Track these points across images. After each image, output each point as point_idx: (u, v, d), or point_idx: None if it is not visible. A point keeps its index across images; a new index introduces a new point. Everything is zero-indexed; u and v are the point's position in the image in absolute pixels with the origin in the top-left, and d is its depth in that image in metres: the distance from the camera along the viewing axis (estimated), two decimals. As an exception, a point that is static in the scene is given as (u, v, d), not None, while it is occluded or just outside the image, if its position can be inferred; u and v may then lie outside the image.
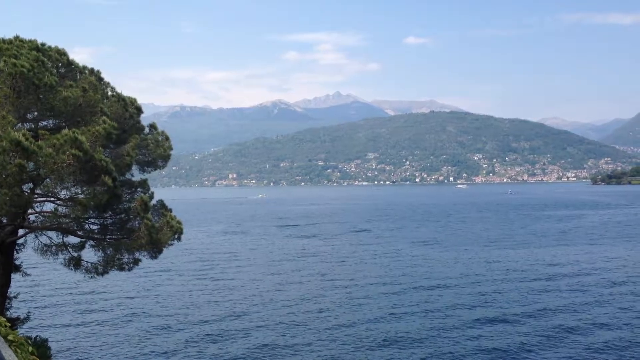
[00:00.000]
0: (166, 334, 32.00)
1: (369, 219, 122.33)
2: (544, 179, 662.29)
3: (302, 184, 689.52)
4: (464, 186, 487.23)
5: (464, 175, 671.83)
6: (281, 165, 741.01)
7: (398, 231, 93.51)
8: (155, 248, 20.12)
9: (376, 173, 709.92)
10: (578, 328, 32.07)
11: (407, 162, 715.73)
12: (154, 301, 40.43)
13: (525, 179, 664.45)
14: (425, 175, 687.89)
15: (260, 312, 36.75)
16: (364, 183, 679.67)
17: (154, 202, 21.00)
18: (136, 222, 19.73)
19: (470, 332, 31.65)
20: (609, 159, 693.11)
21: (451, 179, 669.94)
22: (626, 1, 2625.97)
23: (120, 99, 20.49)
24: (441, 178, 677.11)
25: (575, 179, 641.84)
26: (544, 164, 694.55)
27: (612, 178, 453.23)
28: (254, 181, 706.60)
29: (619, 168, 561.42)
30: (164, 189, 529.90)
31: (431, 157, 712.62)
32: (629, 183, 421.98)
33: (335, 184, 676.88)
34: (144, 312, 37.03)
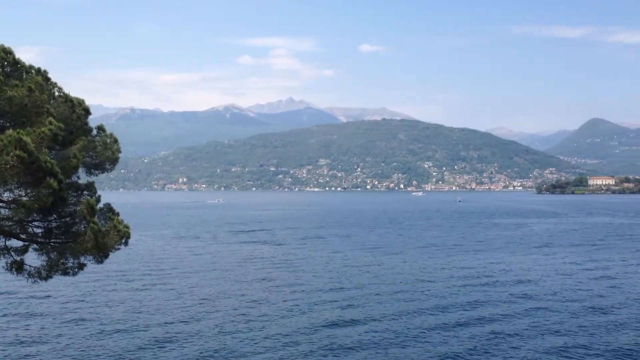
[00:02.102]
0: (108, 340, 31.39)
1: (321, 225, 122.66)
2: (491, 187, 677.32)
3: (254, 189, 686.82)
4: (420, 193, 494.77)
5: (414, 182, 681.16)
6: (232, 170, 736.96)
7: (349, 238, 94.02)
8: (101, 252, 19.79)
9: (328, 179, 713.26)
10: (515, 334, 32.91)
11: (359, 169, 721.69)
12: (98, 307, 39.58)
13: (473, 187, 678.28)
14: (377, 182, 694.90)
15: (204, 319, 36.42)
16: (316, 189, 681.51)
17: (100, 205, 20.65)
18: (82, 226, 19.37)
19: (415, 336, 32.10)
20: (553, 169, 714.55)
21: (402, 186, 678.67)
22: (573, 15, 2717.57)
23: (67, 99, 20.08)
24: (392, 185, 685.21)
25: (521, 188, 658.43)
26: (492, 172, 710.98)
27: (557, 188, 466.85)
28: (204, 185, 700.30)
29: (563, 178, 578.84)
30: (112, 192, 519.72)
31: (382, 164, 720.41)
32: (573, 193, 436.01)
33: (286, 190, 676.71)
34: (86, 318, 36.21)
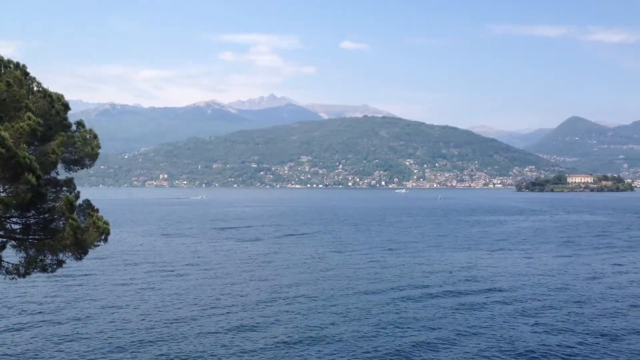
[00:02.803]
0: (86, 338, 31.17)
1: (305, 222, 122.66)
2: (471, 185, 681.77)
3: (235, 185, 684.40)
4: (403, 191, 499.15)
5: (396, 180, 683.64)
6: (214, 166, 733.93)
7: (331, 234, 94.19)
8: (80, 249, 19.66)
9: (309, 176, 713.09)
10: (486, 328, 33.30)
11: (340, 166, 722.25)
12: (76, 304, 39.26)
13: (454, 184, 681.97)
14: (358, 180, 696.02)
15: (185, 316, 36.31)
16: (297, 186, 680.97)
17: (80, 202, 20.49)
18: (61, 222, 19.22)
19: (384, 328, 32.33)
20: (533, 167, 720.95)
21: (383, 183, 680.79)
22: (553, 14, 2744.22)
23: (46, 94, 19.89)
24: (373, 182, 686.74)
25: (501, 185, 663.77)
26: (472, 170, 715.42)
27: (536, 185, 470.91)
28: (185, 182, 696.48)
29: (542, 176, 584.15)
30: (91, 188, 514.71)
31: (364, 161, 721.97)
32: (552, 190, 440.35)
33: (268, 187, 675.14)
34: (63, 316, 35.91)
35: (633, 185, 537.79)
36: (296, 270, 54.74)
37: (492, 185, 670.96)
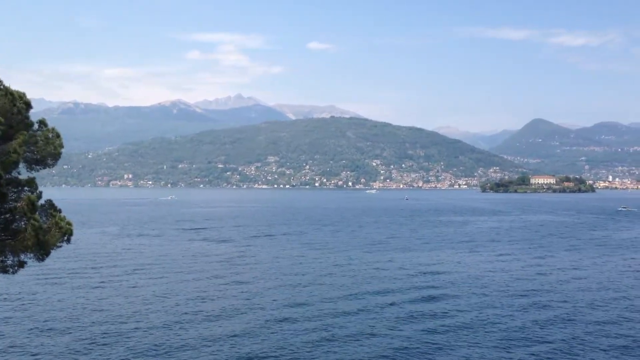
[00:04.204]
0: (47, 339, 30.69)
1: (271, 223, 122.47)
2: (437, 185, 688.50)
3: (201, 186, 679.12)
4: (374, 191, 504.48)
5: (363, 180, 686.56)
6: (180, 166, 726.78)
7: (296, 235, 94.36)
8: (42, 250, 19.33)
9: (276, 176, 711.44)
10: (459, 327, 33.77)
11: (307, 166, 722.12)
12: (37, 305, 38.60)
13: (420, 185, 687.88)
14: (325, 180, 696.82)
15: (149, 316, 35.99)
16: (264, 186, 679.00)
17: (42, 202, 20.16)
18: (22, 223, 18.89)
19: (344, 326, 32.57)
20: (497, 168, 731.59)
21: (350, 184, 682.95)
22: (517, 18, 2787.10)
23: (7, 92, 19.49)
24: (340, 183, 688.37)
25: (466, 186, 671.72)
26: (438, 171, 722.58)
27: (500, 186, 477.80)
28: (150, 182, 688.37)
29: (507, 177, 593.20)
30: (54, 188, 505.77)
31: (331, 161, 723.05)
32: (515, 191, 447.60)
33: (234, 187, 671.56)
34: (23, 317, 35.29)
35: (594, 186, 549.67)
36: (265, 271, 54.72)
37: (457, 186, 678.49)
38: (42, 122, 21.96)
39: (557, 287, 46.79)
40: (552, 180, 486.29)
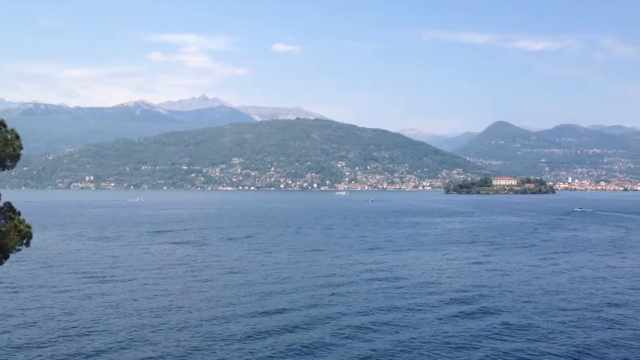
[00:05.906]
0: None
1: (238, 225, 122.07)
2: (402, 187, 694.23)
3: (165, 187, 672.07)
4: (344, 193, 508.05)
5: (328, 182, 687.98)
6: (143, 168, 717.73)
7: (262, 237, 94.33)
8: (0, 253, 19.01)
9: (241, 178, 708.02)
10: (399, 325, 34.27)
11: (272, 168, 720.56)
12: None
13: (385, 186, 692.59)
14: (290, 182, 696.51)
15: (111, 321, 35.62)
16: (229, 188, 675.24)
17: (0, 204, 19.82)
18: (-20, 226, 18.52)
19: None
20: (460, 169, 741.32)
21: (315, 185, 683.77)
22: (480, 22, 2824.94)
23: (-36, 93, 19.12)
24: (305, 184, 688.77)
25: (430, 187, 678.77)
26: (402, 173, 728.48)
27: (463, 188, 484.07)
28: (113, 184, 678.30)
29: (469, 178, 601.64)
30: (13, 190, 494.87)
31: (296, 163, 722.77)
32: (478, 192, 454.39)
33: (199, 189, 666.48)
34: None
35: (554, 187, 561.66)
36: (235, 273, 54.60)
37: (421, 188, 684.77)
38: (1, 123, 21.60)
39: (493, 285, 47.81)
40: (513, 182, 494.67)
